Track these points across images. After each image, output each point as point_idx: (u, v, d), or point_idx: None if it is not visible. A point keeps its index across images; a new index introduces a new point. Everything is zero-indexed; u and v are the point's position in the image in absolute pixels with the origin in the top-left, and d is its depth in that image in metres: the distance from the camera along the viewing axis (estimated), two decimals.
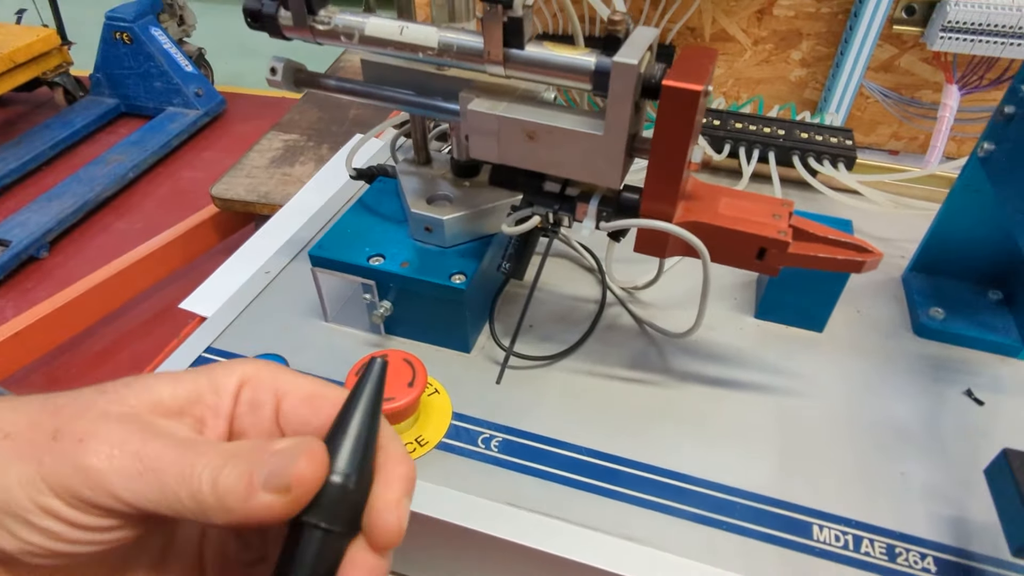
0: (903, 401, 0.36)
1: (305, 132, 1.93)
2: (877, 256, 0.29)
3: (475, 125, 0.30)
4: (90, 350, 1.57)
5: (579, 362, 0.38)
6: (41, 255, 1.82)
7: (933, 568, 0.29)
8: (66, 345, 1.59)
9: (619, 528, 0.29)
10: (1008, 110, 0.34)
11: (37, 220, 1.87)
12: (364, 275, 0.36)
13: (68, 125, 2.25)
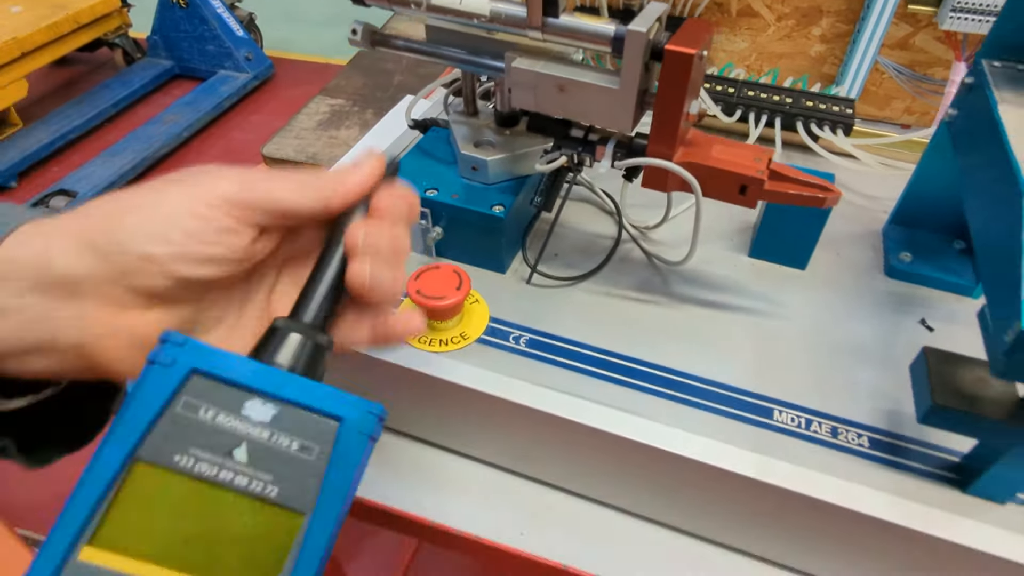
0: (866, 325, 0.43)
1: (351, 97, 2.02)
2: (836, 194, 0.36)
3: (517, 80, 0.38)
4: None
5: (595, 285, 0.46)
6: None
7: (867, 444, 0.36)
8: None
9: (623, 404, 0.37)
10: (968, 80, 0.40)
11: (100, 174, 1.99)
12: (421, 204, 0.44)
13: (127, 85, 2.37)
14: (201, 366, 0.20)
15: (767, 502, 0.35)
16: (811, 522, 0.35)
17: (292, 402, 0.20)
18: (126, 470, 0.19)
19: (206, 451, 0.19)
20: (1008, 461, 0.32)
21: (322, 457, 0.19)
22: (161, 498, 0.19)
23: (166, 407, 0.19)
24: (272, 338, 0.22)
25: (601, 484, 0.41)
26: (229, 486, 0.19)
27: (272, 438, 0.20)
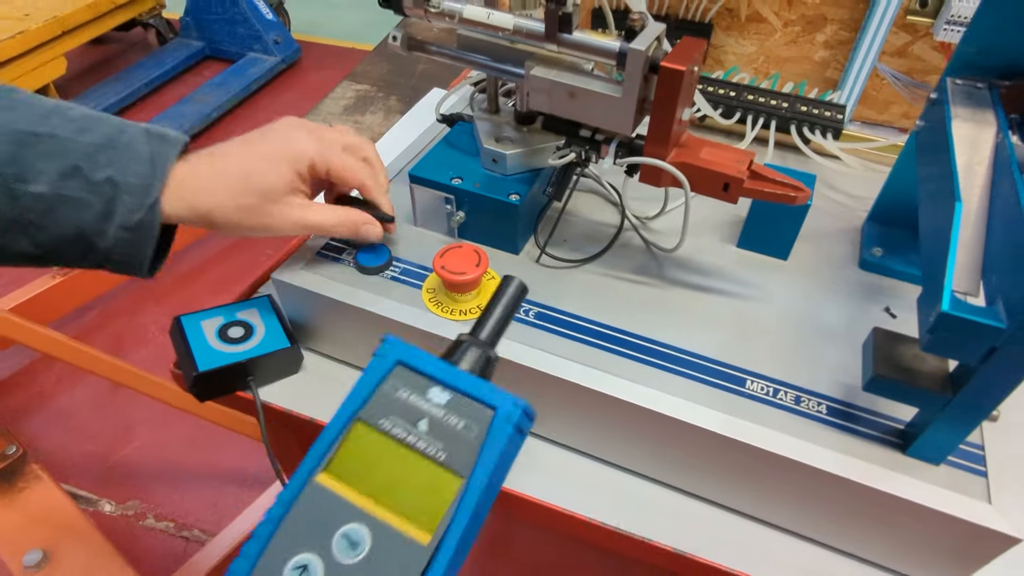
0: (836, 311, 0.48)
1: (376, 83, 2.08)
2: (805, 193, 0.41)
3: (535, 85, 0.43)
4: (180, 270, 1.78)
5: (598, 267, 0.51)
6: None
7: (824, 411, 0.42)
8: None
9: (616, 370, 0.43)
10: (933, 96, 0.45)
11: None
12: (447, 191, 0.50)
13: (160, 64, 2.45)
14: (404, 359, 0.27)
15: (735, 457, 0.41)
16: (773, 476, 0.41)
17: (462, 392, 0.27)
18: (349, 426, 0.26)
19: (400, 419, 0.26)
20: (939, 426, 0.37)
21: (479, 436, 0.26)
22: (368, 447, 0.26)
23: (378, 385, 0.27)
24: (458, 347, 0.29)
25: (590, 438, 0.47)
26: (413, 447, 0.26)
27: (445, 417, 0.26)
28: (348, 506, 0.25)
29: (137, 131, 0.39)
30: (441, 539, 0.24)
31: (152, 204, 0.38)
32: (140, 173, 0.38)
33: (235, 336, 0.50)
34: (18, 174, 0.36)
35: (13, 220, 0.36)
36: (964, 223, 0.36)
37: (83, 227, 0.37)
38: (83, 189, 0.37)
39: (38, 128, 0.36)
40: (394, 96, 2.01)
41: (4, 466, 1.15)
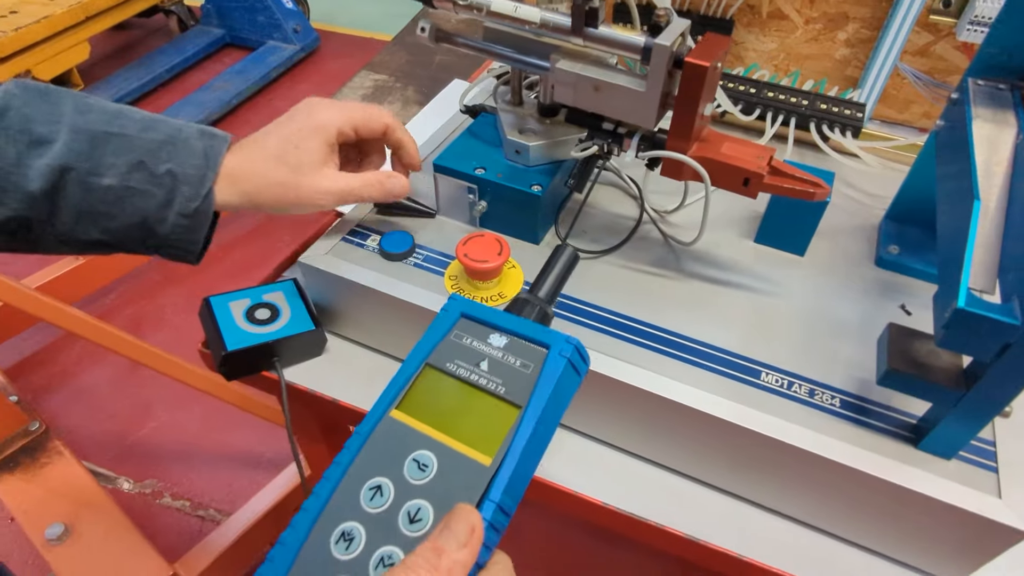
0: (851, 307, 0.49)
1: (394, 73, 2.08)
2: (825, 190, 0.42)
3: (560, 78, 0.44)
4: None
5: (617, 258, 0.52)
6: None
7: (838, 405, 0.43)
8: None
9: (633, 359, 0.44)
10: (954, 96, 0.45)
11: None
12: (470, 180, 0.51)
13: (181, 51, 2.47)
14: (468, 312, 0.31)
15: (749, 447, 0.42)
16: (786, 466, 0.42)
17: (519, 335, 0.30)
18: (420, 369, 0.30)
19: (464, 361, 0.30)
20: (951, 421, 0.38)
21: (535, 371, 0.29)
22: (436, 387, 0.30)
23: (446, 334, 0.31)
24: (516, 302, 0.33)
25: (607, 426, 0.48)
26: (475, 384, 0.29)
27: (504, 357, 0.30)
28: (418, 435, 0.28)
29: (191, 130, 0.43)
30: (502, 460, 0.27)
31: (207, 193, 0.42)
32: (196, 165, 0.42)
33: (262, 318, 0.52)
34: (92, 168, 0.40)
35: (86, 210, 0.41)
36: (982, 221, 0.36)
37: (147, 215, 0.42)
38: (147, 181, 0.41)
39: (109, 128, 0.41)
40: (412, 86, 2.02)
41: (27, 442, 1.18)
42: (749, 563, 0.43)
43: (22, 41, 1.94)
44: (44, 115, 0.40)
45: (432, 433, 0.28)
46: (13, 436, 1.18)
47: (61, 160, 0.39)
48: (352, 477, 0.28)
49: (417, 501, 0.26)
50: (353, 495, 0.27)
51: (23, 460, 1.17)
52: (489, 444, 0.27)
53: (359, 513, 0.27)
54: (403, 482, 0.27)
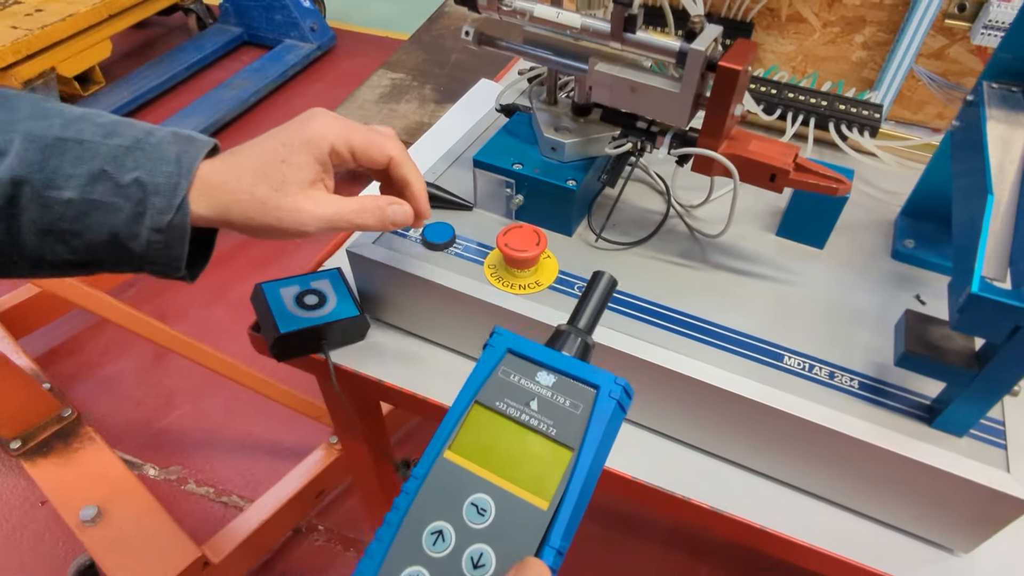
0: (869, 297, 0.52)
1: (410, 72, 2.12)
2: (847, 185, 0.45)
3: (597, 80, 0.47)
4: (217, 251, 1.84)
5: (645, 250, 0.55)
6: None
7: (856, 386, 0.46)
8: None
9: (662, 342, 0.47)
10: (970, 98, 0.48)
11: None
12: (507, 175, 0.54)
13: (200, 49, 2.51)
14: (514, 348, 0.31)
15: (771, 425, 0.45)
16: (806, 443, 0.45)
17: (567, 374, 0.30)
18: (469, 407, 0.30)
19: (513, 400, 0.30)
20: (963, 401, 0.41)
21: (585, 412, 0.29)
22: (487, 426, 0.30)
23: (492, 372, 0.31)
24: (559, 336, 0.33)
25: (637, 406, 0.51)
26: (526, 424, 0.29)
27: (553, 396, 0.30)
28: (474, 478, 0.28)
29: (164, 133, 0.38)
30: (559, 504, 0.27)
31: (180, 204, 0.37)
32: (167, 173, 0.37)
33: (310, 303, 0.55)
34: (48, 181, 0.35)
35: (48, 228, 0.36)
36: (995, 215, 0.39)
37: (116, 231, 0.36)
38: (112, 193, 0.36)
39: (65, 133, 0.36)
40: (428, 85, 2.05)
41: (60, 427, 1.22)
42: (770, 534, 0.46)
43: (48, 39, 1.99)
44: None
45: (487, 475, 0.28)
46: (46, 422, 1.22)
47: (12, 172, 0.34)
48: (412, 521, 0.28)
49: (479, 546, 0.27)
50: (415, 540, 0.28)
51: (56, 445, 1.21)
52: (544, 487, 0.28)
53: (424, 558, 0.27)
54: (463, 526, 0.27)
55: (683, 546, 1.26)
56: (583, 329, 0.33)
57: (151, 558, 1.05)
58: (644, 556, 1.24)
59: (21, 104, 0.36)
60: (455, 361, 0.57)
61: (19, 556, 1.24)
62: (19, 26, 1.97)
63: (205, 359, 1.08)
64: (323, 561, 1.25)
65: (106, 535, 1.08)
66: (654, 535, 1.27)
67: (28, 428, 1.20)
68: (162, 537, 1.09)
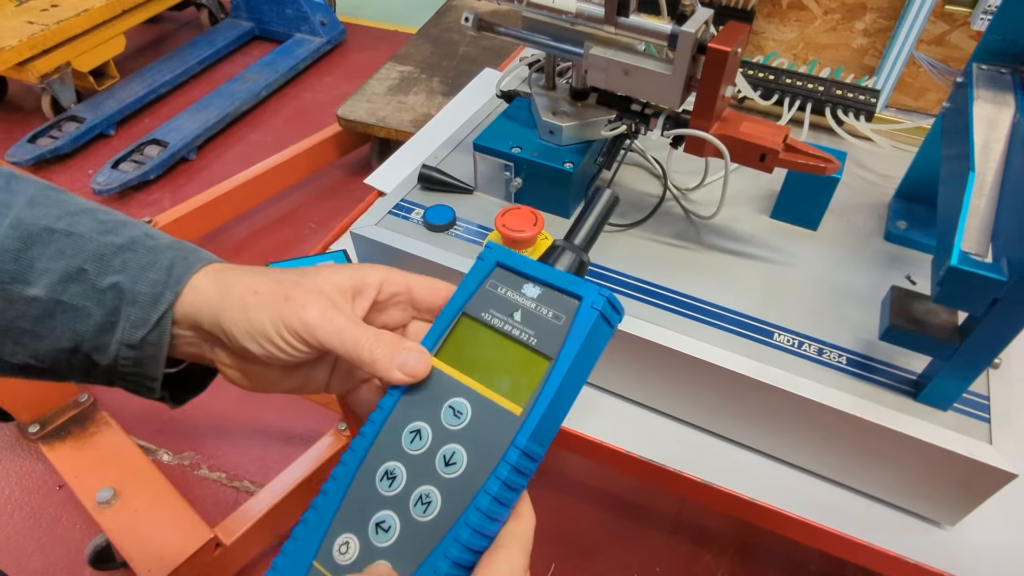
0: (859, 276, 0.53)
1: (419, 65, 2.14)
2: (835, 164, 0.46)
3: (593, 63, 0.49)
4: (227, 243, 1.87)
5: (642, 231, 0.57)
6: (190, 157, 2.11)
7: (844, 362, 0.47)
8: (207, 237, 1.88)
9: (657, 320, 0.49)
10: (959, 80, 0.49)
11: (188, 127, 2.17)
12: (507, 159, 0.56)
13: (211, 44, 2.54)
14: (503, 261, 0.31)
15: (761, 399, 0.46)
16: (794, 417, 0.46)
17: (552, 285, 0.30)
18: (457, 318, 0.31)
19: (498, 311, 0.30)
20: (947, 374, 0.42)
21: (566, 323, 0.29)
22: (472, 336, 0.30)
23: (481, 284, 0.31)
24: (553, 251, 0.33)
25: (633, 384, 0.52)
26: (508, 335, 0.30)
27: (536, 308, 0.30)
28: (454, 383, 0.30)
29: (167, 240, 0.34)
30: (531, 409, 0.28)
31: (159, 319, 0.32)
32: (152, 281, 0.32)
33: None
34: (17, 274, 0.31)
35: (6, 328, 0.31)
36: (977, 192, 0.40)
37: (80, 340, 0.32)
38: (84, 295, 0.32)
39: (57, 224, 0.32)
40: (436, 78, 2.06)
41: (77, 412, 1.26)
42: (760, 506, 0.48)
43: (63, 34, 2.02)
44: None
45: (467, 381, 0.29)
46: (64, 407, 1.25)
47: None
48: (395, 420, 0.29)
49: (452, 446, 0.28)
50: (395, 437, 0.29)
51: (73, 429, 1.24)
52: (519, 394, 0.28)
53: (401, 454, 0.29)
54: (440, 427, 0.29)
55: (686, 535, 1.27)
56: (579, 246, 0.33)
57: (165, 539, 1.08)
58: (647, 544, 1.26)
59: (24, 188, 0.33)
60: None
61: (38, 537, 1.27)
62: (35, 21, 2.00)
63: None
64: None
65: (122, 516, 1.11)
66: (657, 523, 1.29)
67: (46, 413, 1.24)
68: (176, 519, 1.12)
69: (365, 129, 1.84)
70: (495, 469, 0.27)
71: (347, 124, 1.83)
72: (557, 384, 0.28)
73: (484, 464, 0.27)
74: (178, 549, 1.06)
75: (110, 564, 1.19)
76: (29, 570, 1.23)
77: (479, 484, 0.27)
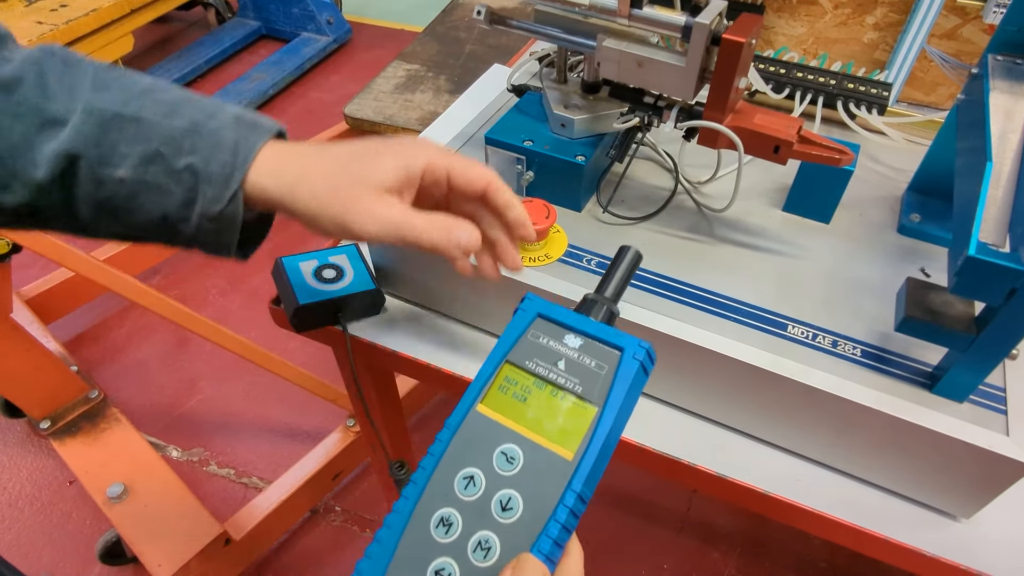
0: (874, 269, 0.53)
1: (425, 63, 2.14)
2: (850, 156, 0.46)
3: (606, 56, 0.49)
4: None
5: (653, 224, 0.57)
6: None
7: (859, 354, 0.46)
8: None
9: (670, 313, 0.49)
10: (975, 71, 0.48)
11: None
12: (518, 152, 0.56)
13: (219, 43, 2.55)
14: (544, 312, 0.33)
15: (775, 392, 0.46)
16: (809, 410, 0.46)
17: (594, 336, 0.32)
18: (500, 366, 0.32)
19: (543, 360, 0.31)
20: (963, 366, 0.42)
21: (609, 372, 0.30)
22: (517, 383, 0.31)
23: (523, 333, 0.32)
24: (586, 303, 0.34)
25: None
26: (554, 382, 0.31)
27: (579, 358, 0.31)
28: (504, 429, 0.30)
29: (226, 117, 0.37)
30: (583, 454, 0.29)
31: (233, 196, 0.36)
32: (222, 162, 0.36)
33: (329, 277, 0.57)
34: (103, 157, 0.35)
35: (100, 204, 0.36)
36: (994, 182, 0.40)
37: (167, 213, 0.36)
38: (164, 175, 0.35)
39: (124, 110, 0.35)
40: (443, 76, 2.06)
41: (87, 408, 1.26)
42: (775, 499, 0.48)
43: (72, 33, 2.03)
44: (62, 90, 0.34)
45: (516, 427, 0.30)
46: (74, 403, 1.26)
47: (69, 146, 0.34)
48: (445, 467, 0.30)
49: (507, 491, 0.29)
50: (448, 484, 0.29)
51: (84, 425, 1.25)
52: (570, 440, 0.29)
53: (455, 500, 0.29)
54: (493, 473, 0.29)
55: (694, 532, 1.27)
56: (609, 298, 0.35)
57: (175, 534, 1.09)
58: (656, 541, 1.26)
59: (85, 71, 0.35)
60: (468, 334, 0.58)
61: (49, 532, 1.28)
62: (44, 21, 2.01)
63: (228, 342, 1.11)
64: (340, 541, 1.27)
65: (132, 511, 1.12)
66: (665, 521, 1.29)
67: (57, 409, 1.24)
68: (186, 514, 1.12)
69: (372, 127, 1.84)
70: (554, 513, 0.28)
71: (354, 122, 1.84)
72: (607, 430, 0.29)
73: (541, 508, 0.28)
74: (188, 544, 1.07)
75: (120, 559, 1.20)
76: (40, 565, 1.23)
77: (538, 529, 0.28)
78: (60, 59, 0.35)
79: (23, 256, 1.13)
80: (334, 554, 1.26)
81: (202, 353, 1.58)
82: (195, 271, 1.79)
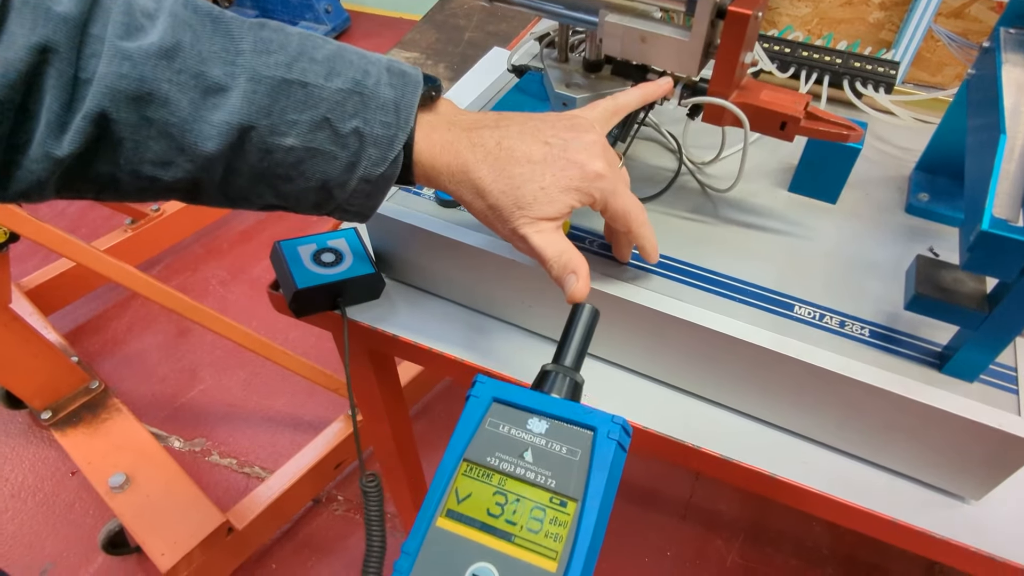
0: (881, 249, 0.52)
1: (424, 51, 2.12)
2: (858, 132, 0.45)
3: (608, 31, 0.48)
4: (235, 229, 1.88)
5: (657, 206, 0.56)
6: None
7: (867, 335, 0.46)
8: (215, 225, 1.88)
9: (675, 294, 0.48)
10: (986, 44, 0.47)
11: None
12: None
13: None
14: (499, 396, 0.29)
15: (783, 373, 0.45)
16: (817, 391, 0.45)
17: (559, 418, 0.28)
18: (458, 467, 0.28)
19: (505, 453, 0.27)
20: (974, 344, 0.41)
21: (584, 457, 0.27)
22: (480, 485, 0.27)
23: (480, 424, 0.28)
24: (545, 377, 0.31)
25: (650, 359, 0.52)
26: (522, 478, 0.27)
27: (548, 444, 0.27)
28: (472, 545, 0.26)
29: (380, 72, 0.36)
30: (569, 562, 0.25)
31: (395, 157, 0.36)
32: (385, 124, 0.36)
33: (327, 261, 0.56)
34: (273, 127, 0.34)
35: (262, 173, 0.35)
36: (1008, 156, 0.39)
37: (328, 179, 0.36)
38: (331, 142, 0.35)
39: (290, 75, 0.34)
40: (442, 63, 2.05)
41: (89, 399, 1.26)
42: (782, 482, 0.47)
43: None
44: (219, 53, 0.32)
45: (486, 541, 0.26)
46: (76, 393, 1.26)
47: (241, 117, 0.33)
48: None
49: None
50: None
51: (85, 416, 1.24)
52: (551, 546, 0.25)
53: None
54: None
55: (697, 519, 1.27)
56: (570, 367, 0.31)
57: (178, 523, 1.09)
58: (659, 528, 1.26)
59: (241, 33, 0.33)
60: (470, 317, 0.58)
61: (52, 523, 1.28)
62: None
63: (229, 332, 1.11)
64: (342, 530, 1.28)
65: (134, 501, 1.12)
66: (668, 508, 1.28)
67: (58, 399, 1.24)
68: (188, 503, 1.12)
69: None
70: None
71: None
72: (591, 527, 0.25)
73: None
74: (191, 533, 1.07)
75: (123, 549, 1.20)
76: (43, 555, 1.24)
77: None
78: (208, 20, 0.33)
79: (22, 247, 1.13)
80: (336, 543, 1.26)
81: (203, 343, 1.58)
82: (195, 261, 1.78)
